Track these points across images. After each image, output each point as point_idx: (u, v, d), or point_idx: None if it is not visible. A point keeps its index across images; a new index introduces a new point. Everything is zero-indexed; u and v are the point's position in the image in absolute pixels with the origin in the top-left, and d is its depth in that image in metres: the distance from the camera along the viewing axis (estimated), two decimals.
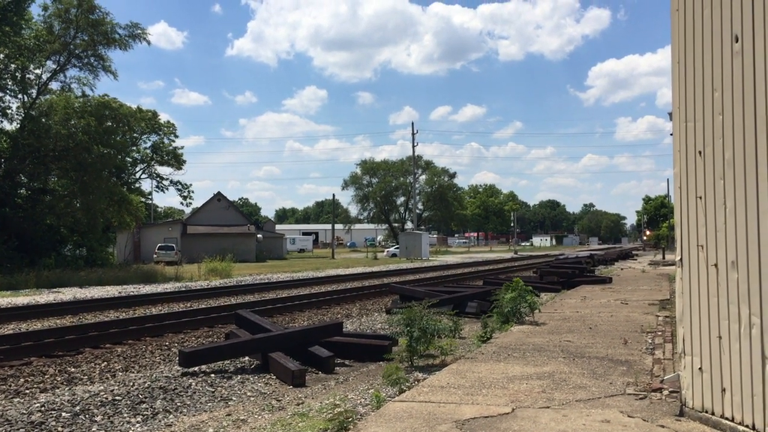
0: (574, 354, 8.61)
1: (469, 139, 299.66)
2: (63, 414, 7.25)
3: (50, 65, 36.72)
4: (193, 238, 60.89)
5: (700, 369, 5.20)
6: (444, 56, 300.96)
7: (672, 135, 5.66)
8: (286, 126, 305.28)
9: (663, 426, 5.19)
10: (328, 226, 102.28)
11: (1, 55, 34.41)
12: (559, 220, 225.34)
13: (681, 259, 5.47)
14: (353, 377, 9.00)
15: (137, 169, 63.39)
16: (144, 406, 7.67)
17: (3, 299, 21.82)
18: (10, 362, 10.59)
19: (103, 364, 10.62)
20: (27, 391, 8.72)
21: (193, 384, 8.65)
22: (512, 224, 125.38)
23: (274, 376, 9.11)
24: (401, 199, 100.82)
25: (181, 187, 70.37)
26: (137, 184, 64.27)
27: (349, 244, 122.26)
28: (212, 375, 9.21)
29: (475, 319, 13.96)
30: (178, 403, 7.81)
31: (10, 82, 36.16)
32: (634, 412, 5.65)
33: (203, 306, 19.16)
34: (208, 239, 60.38)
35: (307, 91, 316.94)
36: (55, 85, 37.87)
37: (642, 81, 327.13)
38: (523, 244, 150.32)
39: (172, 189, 69.98)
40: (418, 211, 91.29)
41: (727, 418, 4.89)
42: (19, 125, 35.68)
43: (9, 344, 11.71)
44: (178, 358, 9.67)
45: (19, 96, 36.78)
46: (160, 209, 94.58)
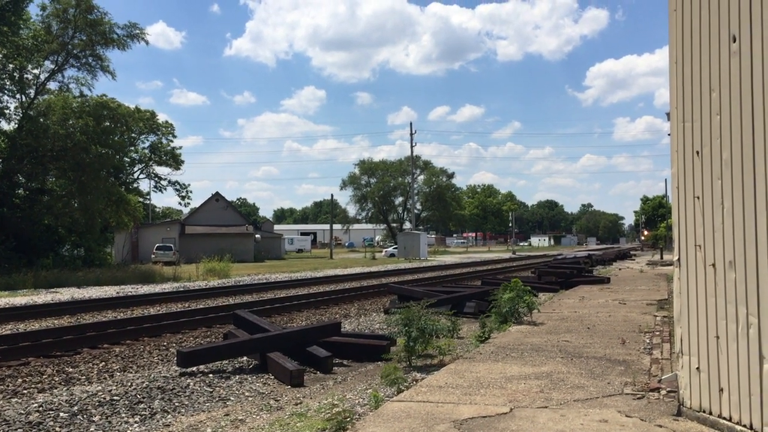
0: (572, 354, 8.61)
1: (468, 140, 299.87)
2: (61, 414, 7.25)
3: (48, 65, 36.79)
4: (191, 238, 60.87)
5: (698, 369, 5.21)
6: (442, 56, 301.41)
7: (670, 135, 5.67)
8: (285, 126, 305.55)
9: (661, 426, 5.20)
10: (327, 227, 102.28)
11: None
12: (558, 221, 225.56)
13: (679, 259, 5.47)
14: (351, 377, 9.00)
15: (135, 169, 63.30)
16: (142, 406, 7.67)
17: (1, 299, 21.80)
18: (8, 362, 10.58)
19: (101, 365, 10.62)
20: (25, 392, 8.72)
21: (191, 384, 8.65)
22: (510, 224, 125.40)
23: (273, 376, 9.11)
24: (399, 199, 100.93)
25: (179, 187, 70.25)
26: (135, 184, 64.20)
27: (347, 245, 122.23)
28: (210, 375, 9.22)
29: (473, 319, 13.98)
30: (176, 403, 7.81)
31: (8, 82, 36.16)
32: (632, 411, 5.66)
33: (201, 306, 19.15)
34: (207, 239, 60.38)
35: (305, 92, 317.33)
36: (53, 85, 37.96)
37: (640, 81, 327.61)
38: (522, 244, 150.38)
39: (171, 189, 69.87)
40: (417, 211, 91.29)
41: (725, 418, 4.90)
42: (17, 125, 35.68)
43: (7, 344, 11.70)
44: (176, 358, 9.67)
45: (17, 96, 36.81)
46: (158, 209, 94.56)
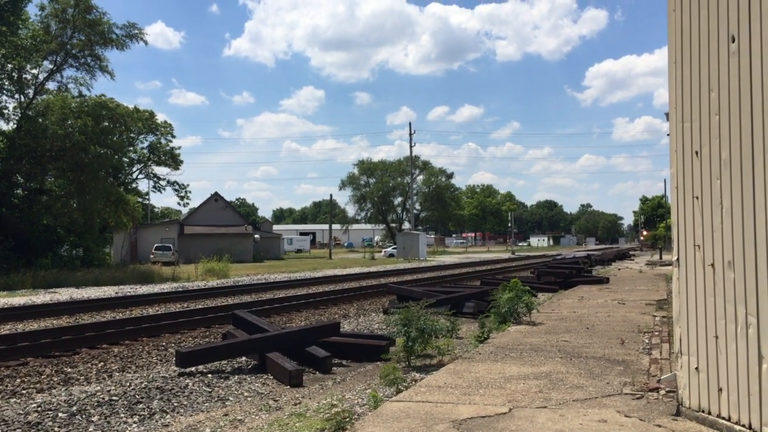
0: (571, 354, 8.61)
1: (467, 140, 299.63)
2: (60, 414, 7.24)
3: (47, 65, 36.73)
4: (190, 238, 60.84)
5: (697, 369, 5.21)
6: (441, 56, 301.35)
7: (669, 135, 5.67)
8: (284, 126, 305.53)
9: (660, 425, 5.20)
10: (326, 227, 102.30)
11: None
12: (557, 221, 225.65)
13: (678, 259, 5.47)
14: (350, 377, 9.00)
15: (134, 170, 63.32)
16: (141, 406, 7.66)
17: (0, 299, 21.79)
18: (7, 362, 10.57)
19: (99, 365, 10.61)
20: (23, 392, 8.71)
21: (190, 384, 8.64)
22: (509, 224, 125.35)
23: (272, 377, 9.11)
24: (399, 200, 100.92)
25: (178, 188, 70.27)
26: (134, 185, 64.21)
27: (346, 245, 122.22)
28: (209, 375, 9.21)
29: (472, 319, 13.97)
30: (175, 404, 7.80)
31: (7, 82, 36.11)
32: (631, 411, 5.65)
33: (200, 306, 19.14)
34: (205, 239, 60.35)
35: (304, 92, 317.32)
36: (51, 85, 37.90)
37: (639, 81, 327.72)
38: (521, 244, 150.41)
39: (169, 189, 69.87)
40: (416, 212, 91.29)
41: (724, 418, 4.90)
42: (15, 125, 35.64)
43: (5, 344, 11.69)
44: (175, 359, 9.66)
45: (16, 96, 36.76)
46: (157, 209, 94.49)
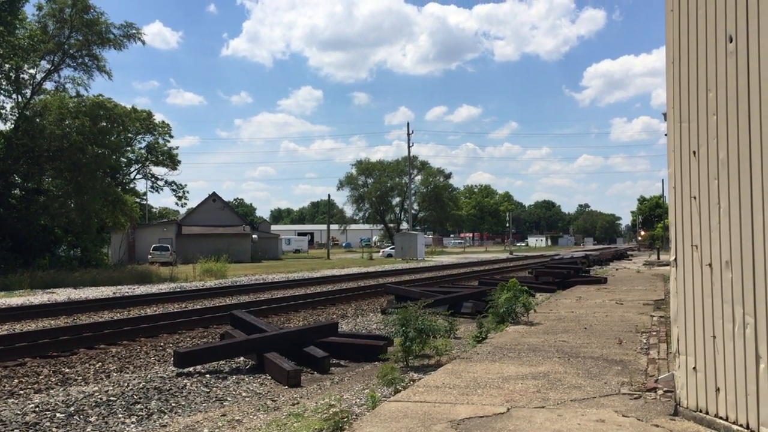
0: (569, 354, 8.62)
1: (465, 140, 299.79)
2: (57, 415, 7.24)
3: (44, 65, 36.64)
4: (188, 238, 60.79)
5: (695, 368, 5.22)
6: (439, 56, 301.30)
7: (667, 135, 5.68)
8: (282, 126, 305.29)
9: (657, 425, 5.20)
10: (324, 227, 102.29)
11: None
12: (555, 221, 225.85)
13: (675, 259, 5.48)
14: (348, 377, 9.00)
15: (132, 170, 63.17)
16: (139, 406, 7.66)
17: None
18: (4, 363, 10.55)
19: (97, 365, 10.60)
20: (21, 392, 8.70)
21: (188, 384, 8.64)
22: (508, 225, 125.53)
23: (270, 377, 9.11)
24: (397, 200, 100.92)
25: (176, 188, 70.07)
26: (132, 185, 64.05)
27: (344, 245, 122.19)
28: (207, 375, 9.20)
29: (470, 320, 13.97)
30: (173, 404, 7.80)
31: (4, 82, 36.02)
32: (629, 411, 5.66)
33: (198, 306, 19.13)
34: (203, 240, 60.30)
35: (302, 92, 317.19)
36: (49, 85, 37.83)
37: (637, 82, 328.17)
38: (519, 244, 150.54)
39: (167, 189, 69.65)
40: (414, 212, 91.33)
41: (722, 418, 4.90)
42: (13, 125, 35.56)
43: (3, 345, 11.67)
44: (173, 359, 9.65)
45: (13, 96, 36.65)
46: (154, 210, 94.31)
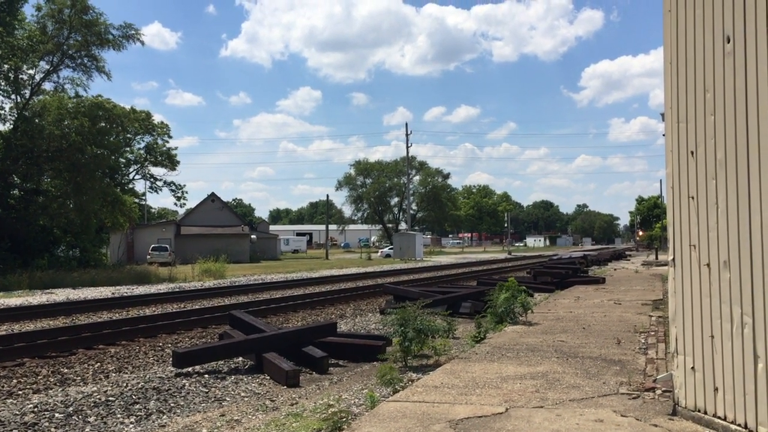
0: (568, 354, 8.63)
1: (463, 140, 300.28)
2: (56, 415, 7.24)
3: (43, 66, 36.59)
4: (186, 238, 60.75)
5: (693, 368, 5.23)
6: (438, 57, 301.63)
7: (664, 135, 5.69)
8: (280, 127, 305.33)
9: (656, 425, 5.21)
10: (322, 227, 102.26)
11: None
12: (553, 221, 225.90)
13: (674, 259, 5.49)
14: (347, 377, 9.00)
15: (131, 170, 63.04)
16: (137, 406, 7.66)
17: None
18: (3, 363, 10.54)
19: (96, 365, 10.60)
20: (20, 392, 8.69)
21: (187, 384, 8.64)
22: (506, 225, 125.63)
23: (268, 377, 9.11)
24: (395, 200, 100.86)
25: (174, 188, 70.00)
26: (131, 185, 63.91)
27: (343, 245, 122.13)
28: (206, 375, 9.20)
29: (469, 320, 13.98)
30: (172, 404, 7.80)
31: (3, 83, 35.96)
32: (628, 411, 5.67)
33: (197, 307, 19.12)
34: (202, 240, 60.26)
35: (301, 92, 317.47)
36: (48, 86, 37.78)
37: (635, 82, 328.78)
38: (517, 244, 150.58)
39: (166, 190, 69.56)
40: (412, 212, 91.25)
41: (720, 417, 4.91)
42: (12, 126, 35.51)
43: (2, 345, 11.65)
44: (171, 359, 9.65)
45: (12, 96, 36.59)
46: (153, 210, 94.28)
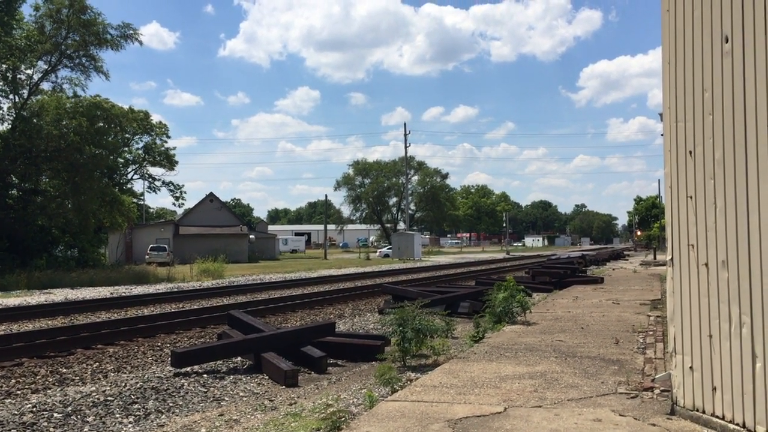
0: (566, 353, 8.64)
1: (462, 140, 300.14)
2: (55, 415, 7.23)
3: (41, 65, 36.54)
4: (185, 238, 60.71)
5: (691, 368, 5.24)
6: (436, 57, 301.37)
7: (663, 135, 5.70)
8: (279, 127, 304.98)
9: (654, 424, 5.22)
10: (321, 227, 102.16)
11: None
12: (551, 221, 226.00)
13: (672, 259, 5.50)
14: (346, 377, 9.00)
15: (129, 170, 63.06)
16: (136, 406, 7.65)
17: None
18: (2, 363, 10.54)
19: (95, 365, 10.59)
20: (18, 392, 8.69)
21: (186, 384, 8.63)
22: (504, 225, 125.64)
23: (267, 377, 9.10)
24: (393, 200, 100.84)
25: (173, 188, 70.09)
26: (129, 185, 63.94)
27: (341, 245, 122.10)
28: (205, 375, 9.20)
29: (467, 319, 13.99)
30: (171, 404, 7.80)
31: (1, 83, 35.90)
32: (626, 410, 5.68)
33: (195, 307, 19.11)
34: (201, 240, 60.23)
35: (299, 92, 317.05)
36: (46, 86, 37.74)
37: (633, 82, 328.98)
38: (516, 244, 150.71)
39: (164, 190, 69.72)
40: (411, 212, 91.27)
41: (718, 417, 4.92)
42: (10, 126, 35.47)
43: (0, 345, 11.64)
44: (170, 359, 9.65)
45: (10, 96, 36.56)
46: (152, 210, 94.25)
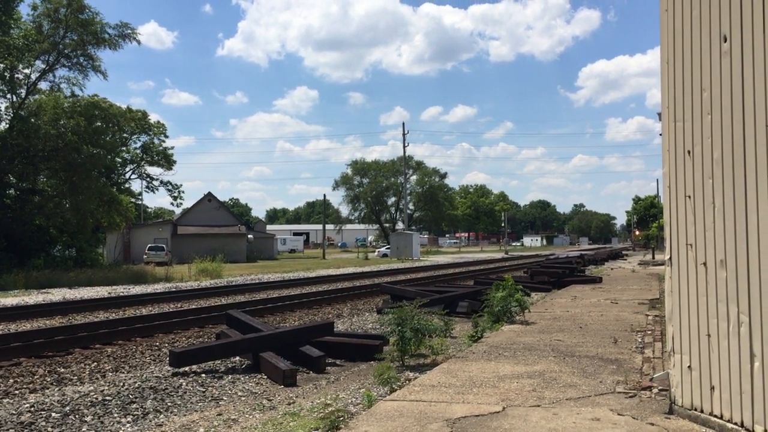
0: (565, 353, 8.64)
1: (460, 140, 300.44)
2: (53, 414, 7.22)
3: (39, 65, 36.54)
4: (183, 238, 60.68)
5: (689, 367, 5.24)
6: (435, 57, 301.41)
7: (661, 135, 5.70)
8: (277, 126, 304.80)
9: (652, 424, 5.22)
10: (319, 227, 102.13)
11: None
12: (550, 221, 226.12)
13: (670, 258, 5.50)
14: (344, 377, 9.00)
15: (127, 170, 63.13)
16: (134, 406, 7.65)
17: None
18: (0, 363, 10.53)
19: (93, 365, 10.58)
20: (16, 392, 8.68)
21: (184, 384, 8.62)
22: (503, 224, 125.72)
23: (265, 376, 9.10)
24: (392, 200, 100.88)
25: (171, 188, 70.14)
26: (127, 185, 63.99)
27: (340, 245, 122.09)
28: (203, 375, 9.19)
29: (466, 319, 13.99)
30: (169, 403, 7.79)
31: None
32: (624, 410, 5.68)
33: (194, 306, 19.10)
34: (199, 240, 60.19)
35: (297, 92, 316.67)
36: (44, 85, 37.73)
37: (632, 82, 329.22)
38: (514, 244, 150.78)
39: (162, 189, 69.81)
40: (409, 212, 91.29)
41: (716, 416, 4.93)
42: (7, 125, 35.44)
43: None
44: (168, 359, 9.64)
45: (8, 96, 36.54)
46: (150, 210, 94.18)
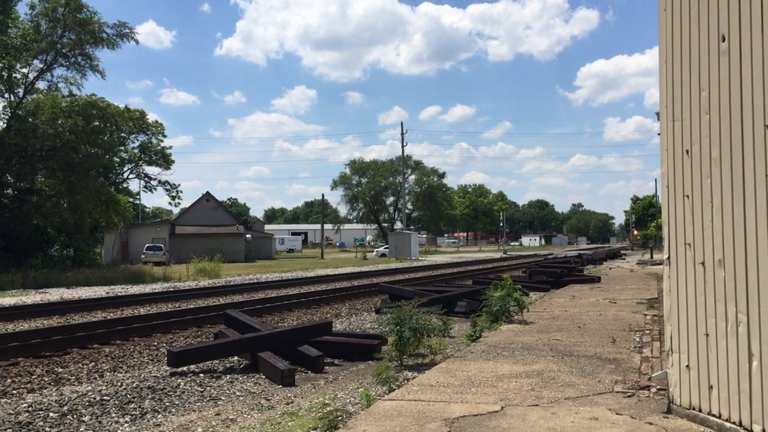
0: (563, 352, 8.64)
1: (459, 139, 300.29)
2: (51, 414, 7.21)
3: (37, 64, 36.51)
4: (181, 238, 60.64)
5: (688, 366, 5.24)
6: (433, 56, 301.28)
7: (660, 134, 5.70)
8: (276, 126, 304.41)
9: (651, 423, 5.22)
10: (318, 226, 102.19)
11: None
12: (548, 220, 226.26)
13: (669, 258, 5.50)
14: (343, 376, 8.99)
15: (125, 169, 63.06)
16: (132, 406, 7.64)
17: None
18: None
19: (90, 365, 10.57)
20: (14, 392, 8.67)
21: (182, 384, 8.62)
22: (501, 224, 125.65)
23: (264, 376, 9.10)
24: (390, 199, 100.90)
25: (169, 187, 70.06)
26: (125, 184, 63.97)
27: (338, 244, 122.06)
28: (201, 375, 9.19)
29: (464, 318, 14.00)
30: (167, 403, 7.78)
31: None
32: (623, 409, 5.68)
33: (192, 306, 19.09)
34: (197, 239, 60.15)
35: (296, 91, 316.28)
36: (42, 85, 37.72)
37: (630, 81, 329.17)
38: (513, 243, 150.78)
39: (161, 189, 69.67)
40: (408, 211, 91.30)
41: (715, 415, 4.93)
42: (5, 125, 35.39)
43: None
44: (166, 358, 9.63)
45: (6, 95, 36.51)
46: (148, 209, 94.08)
